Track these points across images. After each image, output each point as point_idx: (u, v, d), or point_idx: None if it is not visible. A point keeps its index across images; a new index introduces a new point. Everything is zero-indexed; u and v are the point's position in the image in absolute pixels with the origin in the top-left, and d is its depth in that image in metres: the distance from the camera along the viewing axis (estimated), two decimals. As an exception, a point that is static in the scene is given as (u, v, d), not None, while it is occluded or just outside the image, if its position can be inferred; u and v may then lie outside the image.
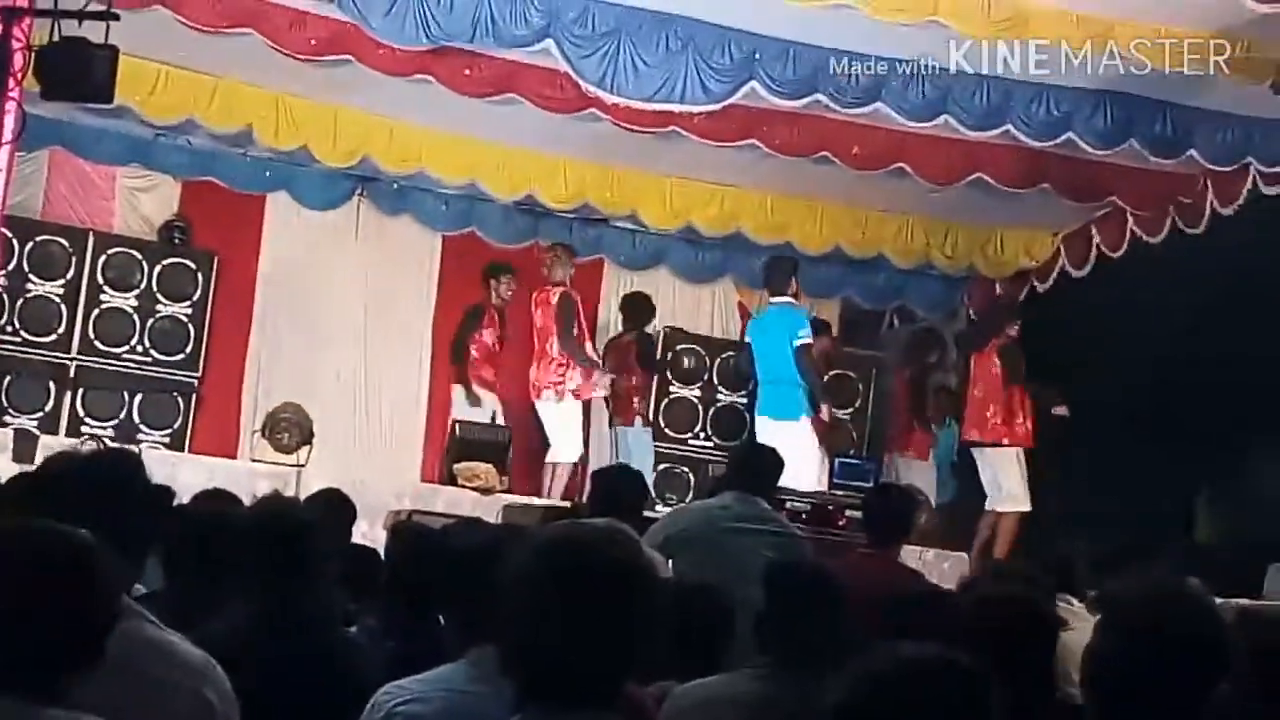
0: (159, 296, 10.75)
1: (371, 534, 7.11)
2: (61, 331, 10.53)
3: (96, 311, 10.64)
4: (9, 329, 10.36)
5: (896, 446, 11.66)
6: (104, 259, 10.70)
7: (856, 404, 12.19)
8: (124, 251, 10.79)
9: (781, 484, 6.69)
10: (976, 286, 12.31)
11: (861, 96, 8.96)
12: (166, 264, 10.84)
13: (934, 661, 2.30)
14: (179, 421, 10.63)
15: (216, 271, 10.94)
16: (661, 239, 12.02)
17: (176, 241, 11.03)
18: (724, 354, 12.15)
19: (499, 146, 10.79)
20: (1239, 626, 3.01)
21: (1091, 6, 8.09)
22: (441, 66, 9.27)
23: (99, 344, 10.60)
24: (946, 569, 9.29)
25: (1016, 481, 10.33)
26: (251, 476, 8.25)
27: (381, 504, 8.18)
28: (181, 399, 10.68)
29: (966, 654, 2.31)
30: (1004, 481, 10.35)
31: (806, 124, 9.73)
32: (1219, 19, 8.00)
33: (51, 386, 10.40)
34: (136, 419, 10.57)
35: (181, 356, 10.72)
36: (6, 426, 9.62)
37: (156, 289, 10.76)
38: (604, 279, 12.28)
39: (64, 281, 10.57)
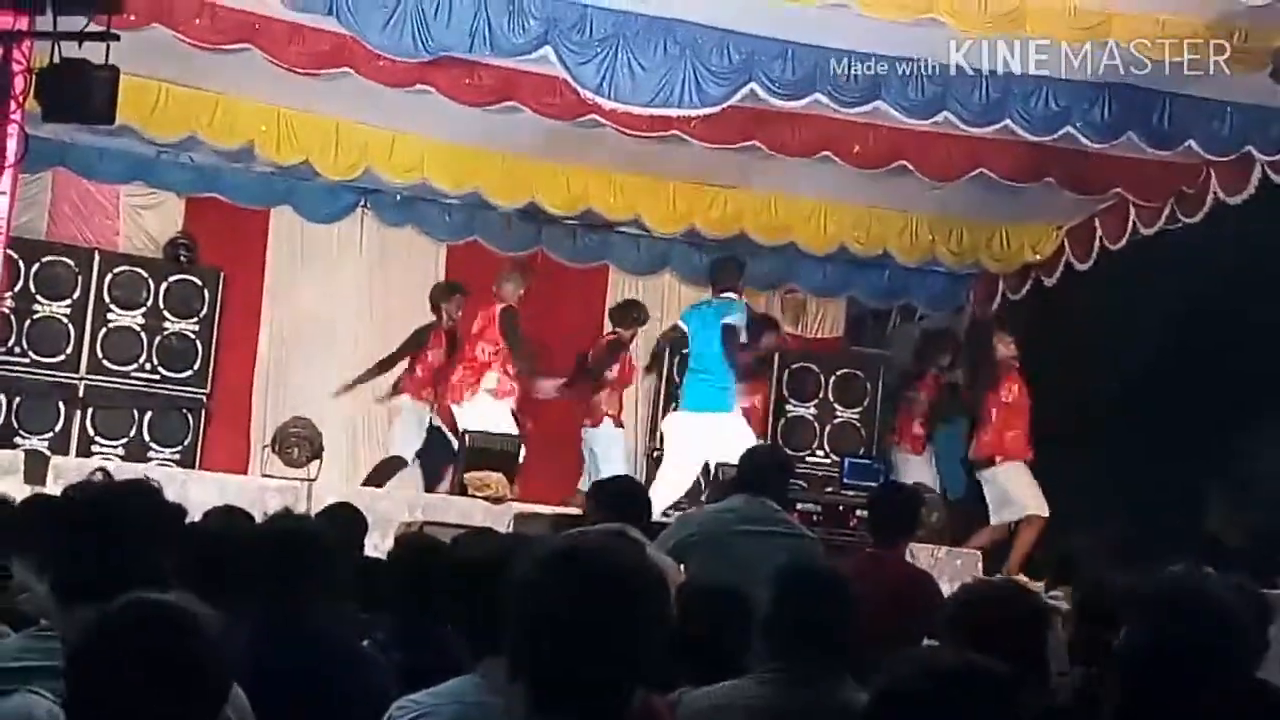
0: (166, 314, 10.77)
1: (384, 546, 7.08)
2: (69, 351, 10.55)
3: (104, 330, 10.66)
4: (17, 350, 10.38)
5: (903, 444, 11.63)
6: (110, 278, 10.72)
7: (865, 403, 12.15)
8: (130, 270, 10.82)
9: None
10: (981, 283, 12.31)
11: (861, 95, 8.98)
12: (172, 281, 10.86)
13: (960, 668, 2.30)
14: (189, 438, 10.65)
15: (222, 287, 10.96)
16: (665, 243, 12.03)
17: (182, 258, 11.06)
18: (731, 355, 12.14)
19: (500, 155, 10.80)
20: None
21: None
22: (440, 77, 9.30)
23: (107, 363, 10.62)
24: (959, 566, 9.30)
25: (1024, 489, 10.35)
26: (262, 492, 8.26)
27: (393, 516, 8.19)
28: (191, 416, 10.70)
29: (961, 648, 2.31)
30: (1014, 494, 10.38)
31: (807, 124, 9.75)
32: (1215, 7, 8.01)
33: (61, 406, 10.42)
34: (146, 437, 10.59)
35: (190, 373, 10.73)
36: (17, 448, 9.64)
37: (163, 306, 10.78)
38: (609, 285, 12.29)
39: (71, 301, 10.59)
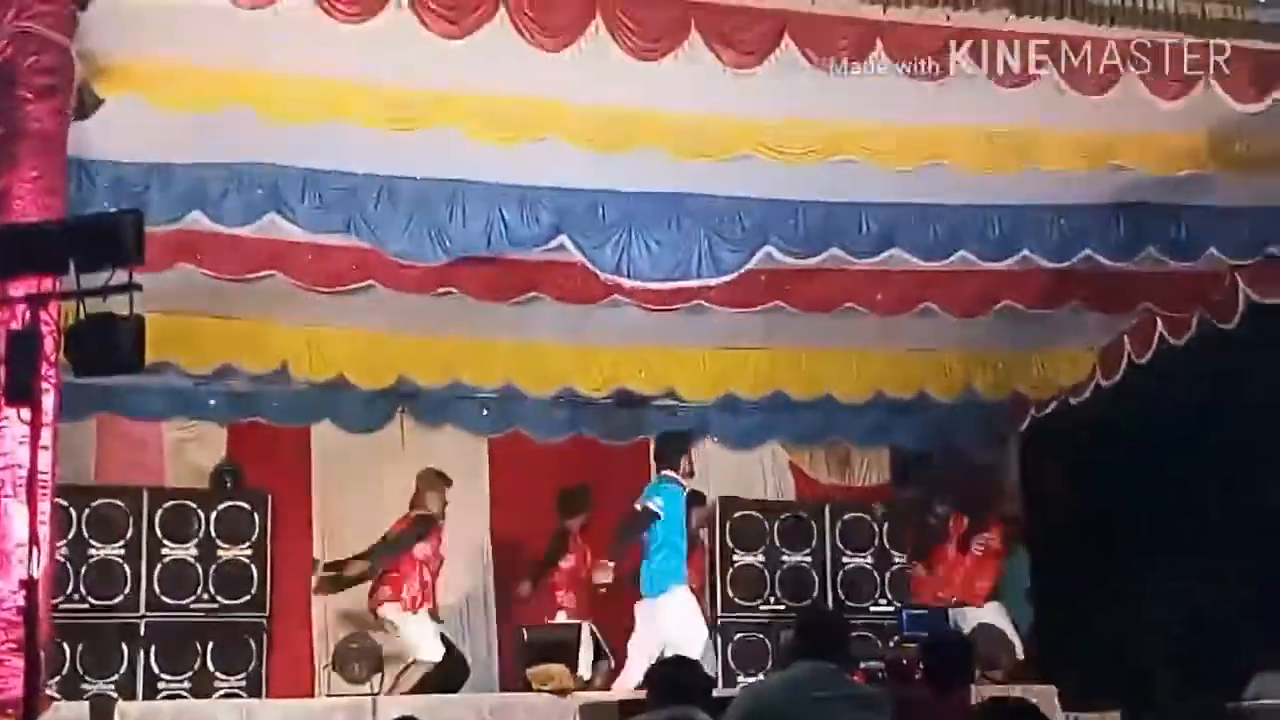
0: (218, 542, 10.80)
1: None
2: (127, 591, 10.59)
3: (159, 566, 10.70)
4: (76, 596, 10.41)
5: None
6: (160, 513, 10.77)
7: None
8: (179, 503, 10.89)
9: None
10: (1015, 411, 12.22)
11: (874, 245, 9.07)
12: (221, 509, 10.91)
13: None
14: (253, 664, 10.58)
15: (272, 509, 11.02)
16: (702, 410, 12.06)
17: (228, 485, 11.16)
18: (782, 515, 12.11)
19: (530, 345, 10.92)
20: None
21: (1092, 126, 8.16)
22: (463, 277, 9.45)
23: (165, 598, 10.64)
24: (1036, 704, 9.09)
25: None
26: (329, 713, 8.19)
27: (460, 720, 8.12)
28: (253, 640, 10.65)
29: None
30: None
31: (826, 279, 9.82)
32: (1214, 119, 8.06)
33: (124, 648, 10.44)
34: (211, 667, 10.55)
35: (248, 598, 10.71)
36: (84, 694, 9.62)
37: (215, 534, 10.83)
38: (650, 459, 12.30)
39: (124, 541, 10.66)
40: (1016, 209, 9.03)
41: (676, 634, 9.22)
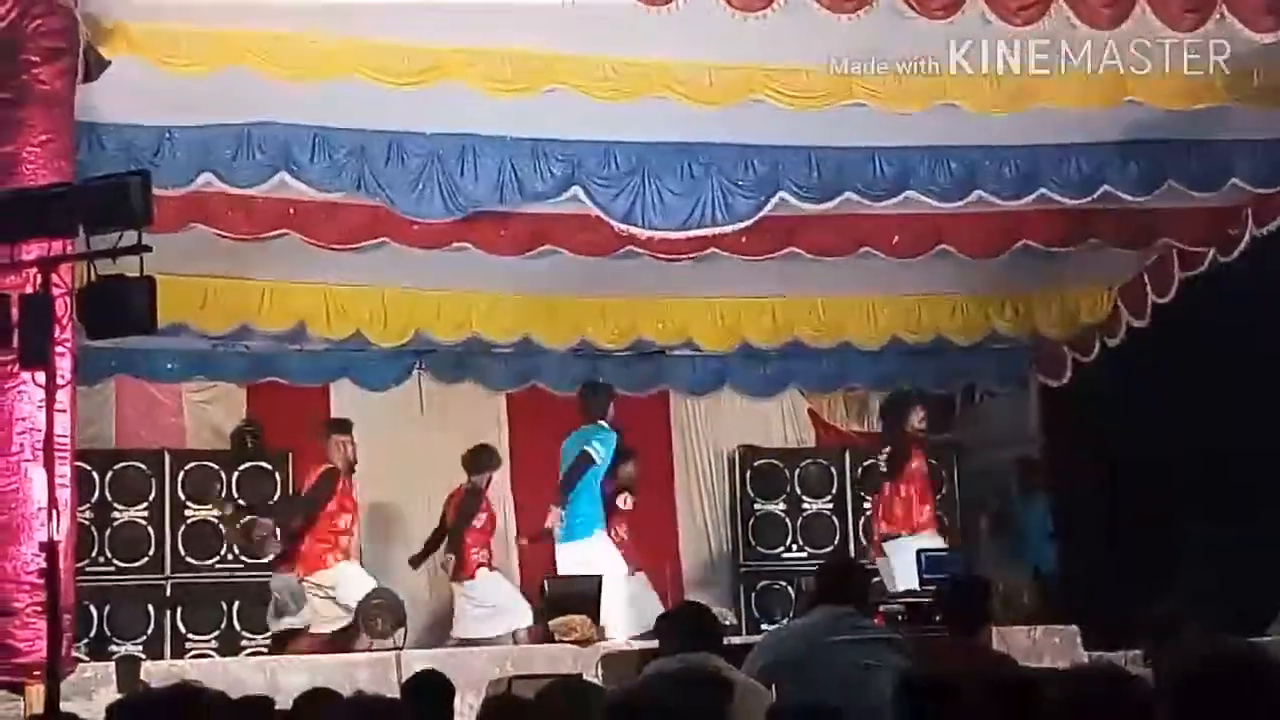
0: (241, 502, 10.89)
1: (477, 705, 7.06)
2: (152, 553, 10.68)
3: (183, 528, 10.79)
4: (101, 560, 10.50)
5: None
6: (182, 475, 10.87)
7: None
8: (200, 465, 10.97)
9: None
10: (1044, 352, 12.11)
11: (889, 188, 9.01)
12: (243, 470, 11.00)
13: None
14: (279, 622, 10.67)
15: (292, 468, 11.06)
16: (720, 360, 12.04)
17: (249, 446, 11.20)
18: (803, 462, 12.13)
19: (545, 298, 10.89)
20: None
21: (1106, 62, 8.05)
22: (475, 232, 9.42)
23: (190, 559, 10.73)
24: (1058, 644, 9.07)
25: None
26: (352, 667, 8.24)
27: (483, 672, 8.13)
28: (278, 599, 10.73)
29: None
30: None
31: (842, 224, 9.74)
32: (1228, 52, 7.96)
33: (150, 609, 10.53)
34: (238, 627, 10.65)
35: (272, 557, 10.79)
36: (111, 656, 9.69)
37: (238, 495, 10.90)
38: (671, 409, 12.32)
39: (147, 504, 10.74)
40: (1033, 148, 8.95)
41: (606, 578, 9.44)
